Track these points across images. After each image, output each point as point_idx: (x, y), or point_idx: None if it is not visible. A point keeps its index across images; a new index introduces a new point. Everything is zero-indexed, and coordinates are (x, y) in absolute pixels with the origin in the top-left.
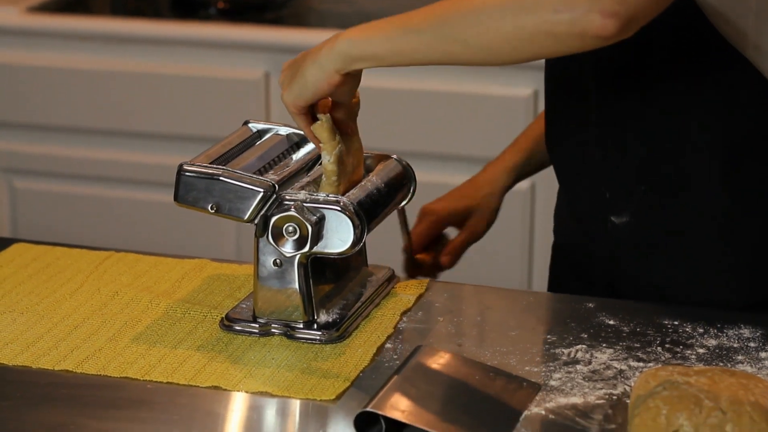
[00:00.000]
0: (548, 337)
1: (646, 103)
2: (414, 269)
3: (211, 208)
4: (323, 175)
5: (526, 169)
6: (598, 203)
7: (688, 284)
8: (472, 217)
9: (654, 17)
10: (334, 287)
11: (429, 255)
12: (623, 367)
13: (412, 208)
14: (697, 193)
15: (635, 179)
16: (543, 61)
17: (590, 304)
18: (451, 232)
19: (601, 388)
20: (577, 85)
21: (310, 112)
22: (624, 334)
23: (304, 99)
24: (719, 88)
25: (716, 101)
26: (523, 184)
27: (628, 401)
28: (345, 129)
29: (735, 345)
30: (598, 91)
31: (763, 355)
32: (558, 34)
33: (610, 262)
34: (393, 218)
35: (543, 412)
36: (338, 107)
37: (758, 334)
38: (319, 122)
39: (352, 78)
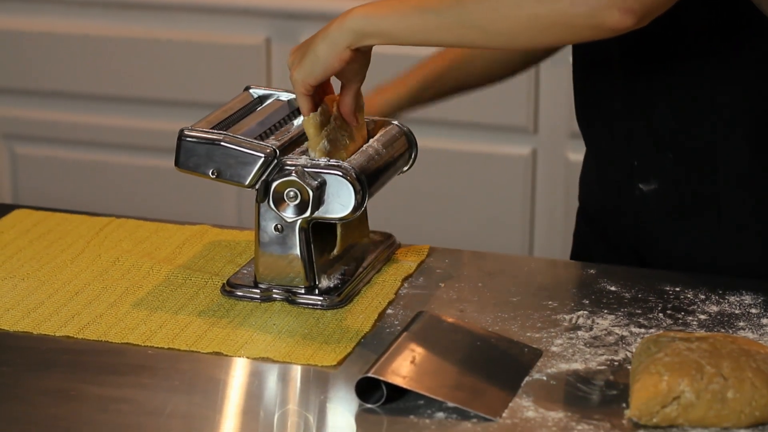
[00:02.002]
0: (550, 303)
1: (673, 71)
2: None
3: (212, 174)
4: None
5: (414, 103)
6: (626, 171)
7: (716, 252)
8: None
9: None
10: (336, 253)
11: None
12: (624, 333)
13: (412, 174)
14: (723, 162)
15: (662, 147)
16: None
17: (591, 270)
18: None
19: (603, 354)
20: (604, 54)
21: (317, 101)
22: (625, 301)
23: (314, 76)
24: (747, 57)
25: (743, 70)
26: (524, 150)
27: (629, 367)
28: (351, 119)
29: (736, 311)
30: (623, 60)
31: (764, 321)
32: (575, 26)
33: (637, 229)
34: (394, 183)
35: (544, 378)
36: (347, 91)
37: (760, 300)
38: (306, 118)
39: (362, 55)
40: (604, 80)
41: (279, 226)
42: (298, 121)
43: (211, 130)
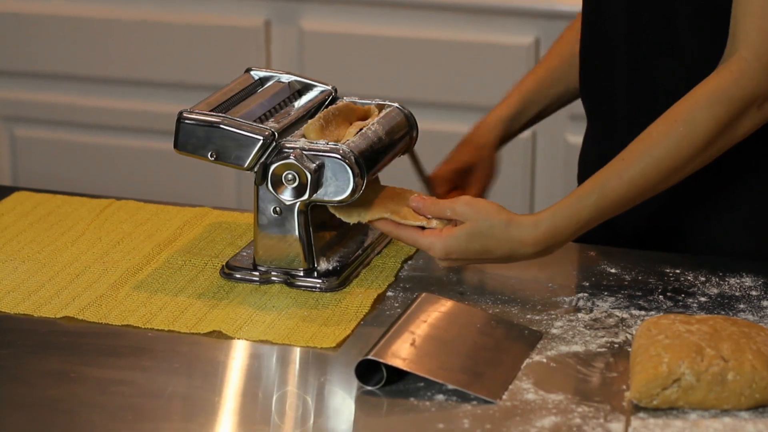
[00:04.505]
0: (550, 285)
1: (674, 57)
2: None
3: (211, 156)
4: None
5: (517, 123)
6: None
7: (712, 233)
8: (474, 173)
9: None
10: (335, 235)
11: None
12: (625, 316)
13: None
14: None
15: None
16: (548, 8)
17: (592, 253)
18: None
19: (603, 336)
20: (610, 34)
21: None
22: (626, 283)
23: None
24: None
25: None
26: (524, 134)
27: (629, 349)
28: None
29: (737, 293)
30: (628, 41)
31: (764, 303)
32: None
33: (634, 211)
34: (394, 166)
35: (544, 360)
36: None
37: (760, 282)
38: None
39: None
40: (607, 59)
41: (278, 208)
42: (298, 104)
43: (210, 113)
